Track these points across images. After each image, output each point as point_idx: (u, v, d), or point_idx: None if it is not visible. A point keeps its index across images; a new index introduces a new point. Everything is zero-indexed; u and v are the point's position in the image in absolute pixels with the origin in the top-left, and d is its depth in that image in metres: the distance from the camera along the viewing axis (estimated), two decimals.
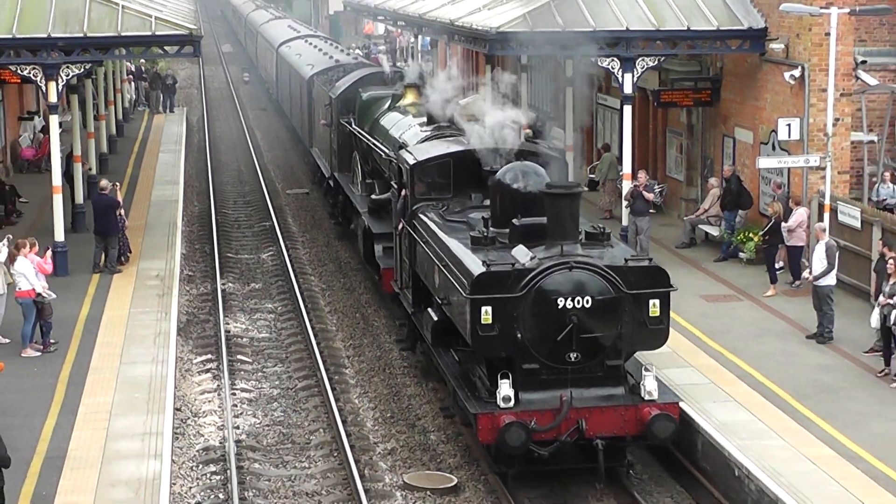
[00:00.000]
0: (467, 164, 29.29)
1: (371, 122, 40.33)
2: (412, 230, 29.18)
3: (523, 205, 25.50)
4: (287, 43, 72.66)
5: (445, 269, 25.14)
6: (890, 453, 23.95)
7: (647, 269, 24.19)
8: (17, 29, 36.59)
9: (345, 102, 44.41)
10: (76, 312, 33.39)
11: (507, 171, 26.47)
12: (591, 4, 40.64)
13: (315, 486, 25.01)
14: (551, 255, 23.39)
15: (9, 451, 23.39)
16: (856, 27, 38.89)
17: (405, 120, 37.19)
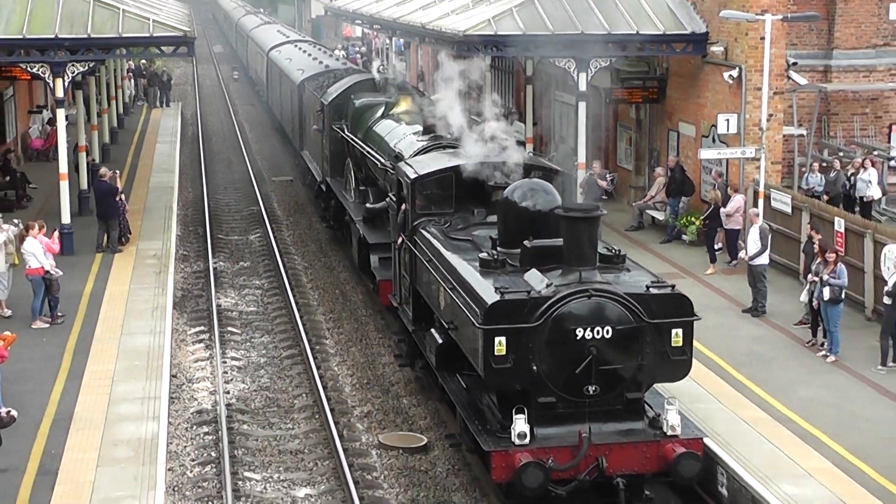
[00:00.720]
0: (469, 179, 26.03)
1: (364, 129, 37.10)
2: (413, 246, 26.11)
3: (533, 225, 22.34)
4: (277, 47, 68.79)
5: (452, 292, 22.00)
6: (815, 415, 24.18)
7: (669, 297, 20.92)
8: (27, 30, 36.60)
9: (337, 109, 40.88)
10: (81, 288, 33.38)
11: (515, 189, 23.11)
12: (549, 10, 40.72)
13: (298, 446, 25.06)
14: (568, 282, 20.29)
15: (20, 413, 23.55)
16: (787, 32, 39.09)
17: (399, 128, 34.42)
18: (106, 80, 59.12)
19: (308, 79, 50.09)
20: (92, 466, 22.06)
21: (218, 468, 23.48)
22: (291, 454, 24.67)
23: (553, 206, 22.08)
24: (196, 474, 23.44)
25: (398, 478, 23.38)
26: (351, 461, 23.65)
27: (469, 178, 25.97)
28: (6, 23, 36.88)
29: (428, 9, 51.47)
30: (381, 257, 31.87)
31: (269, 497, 22.57)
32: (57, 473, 21.73)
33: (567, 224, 20.88)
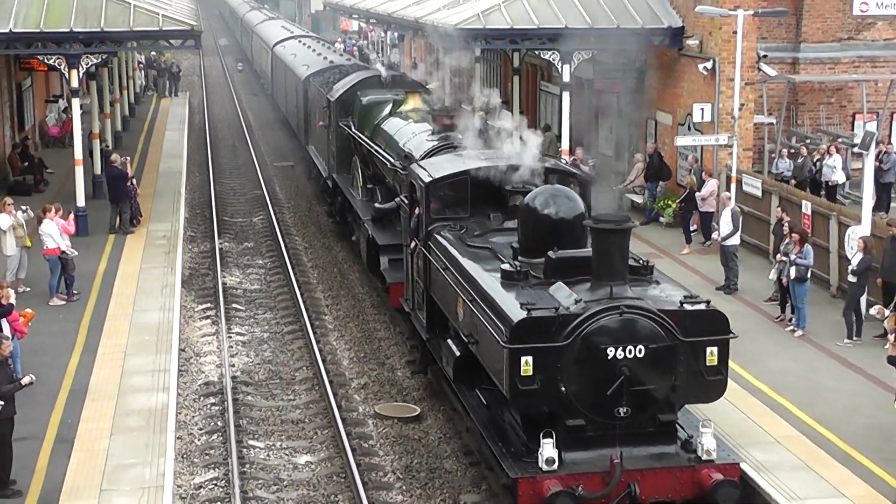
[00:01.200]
0: (485, 182, 23.59)
1: (372, 127, 34.40)
2: (427, 251, 23.65)
3: (555, 233, 20.13)
4: (281, 42, 65.95)
5: (472, 304, 19.77)
6: (784, 386, 24.30)
7: (704, 314, 18.66)
8: (44, 24, 36.60)
9: (343, 105, 37.93)
10: (95, 267, 33.36)
11: (536, 196, 20.69)
12: (535, 5, 40.80)
13: (299, 415, 25.10)
14: (598, 298, 18.05)
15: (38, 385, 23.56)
16: (758, 26, 39.15)
17: (408, 127, 31.71)
18: (118, 71, 59.16)
19: (313, 74, 47.16)
20: (106, 435, 22.12)
21: (224, 437, 23.52)
22: (293, 423, 24.70)
23: (576, 214, 20.30)
24: (203, 442, 23.48)
25: (393, 446, 23.40)
26: (349, 430, 23.66)
27: (485, 182, 23.68)
28: (24, 17, 36.92)
29: (421, 4, 51.53)
30: (391, 259, 29.75)
31: (272, 464, 22.61)
32: (73, 441, 21.78)
33: (597, 236, 18.44)
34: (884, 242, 28.52)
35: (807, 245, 28.65)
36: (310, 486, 21.63)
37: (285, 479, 21.94)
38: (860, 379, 25.02)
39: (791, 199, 33.93)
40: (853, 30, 43.96)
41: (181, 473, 21.81)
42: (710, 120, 38.14)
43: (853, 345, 27.26)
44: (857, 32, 44.02)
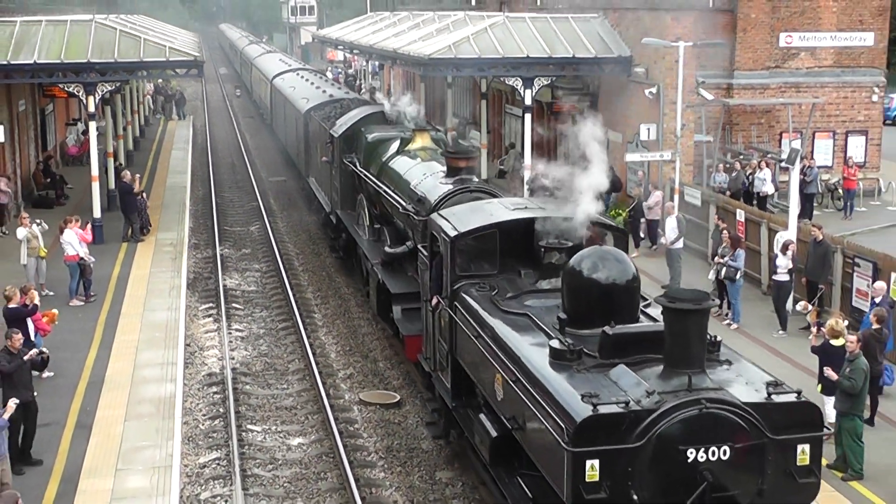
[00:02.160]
0: (515, 235, 19.86)
1: (379, 165, 30.53)
2: (453, 312, 19.58)
3: (607, 302, 16.19)
4: (280, 75, 62.01)
5: (515, 384, 15.79)
6: None
7: (795, 407, 14.50)
8: (65, 56, 36.82)
9: (347, 141, 33.83)
10: (110, 272, 33.33)
11: (583, 259, 16.61)
12: (500, 37, 40.99)
13: (292, 402, 25.10)
14: (674, 389, 13.90)
15: (60, 377, 23.64)
16: (697, 56, 39.33)
17: (418, 167, 27.86)
18: (130, 97, 59.15)
19: (314, 108, 43.40)
20: (121, 421, 22.12)
21: (225, 422, 23.51)
22: (286, 410, 24.68)
23: (628, 279, 16.46)
24: (207, 427, 23.47)
25: (376, 429, 23.41)
26: (336, 415, 23.67)
27: (515, 235, 19.95)
28: (47, 50, 37.13)
29: (399, 36, 51.78)
30: (404, 308, 25.32)
31: (269, 445, 22.61)
32: (91, 427, 21.78)
33: (672, 317, 14.27)
34: (807, 246, 28.73)
35: (739, 249, 28.92)
36: (302, 465, 21.64)
37: (280, 459, 21.94)
38: (788, 366, 25.13)
39: (727, 208, 34.19)
40: (780, 59, 44.21)
41: (187, 454, 21.81)
42: (655, 138, 38.36)
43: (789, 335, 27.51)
44: (783, 62, 44.27)
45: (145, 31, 43.25)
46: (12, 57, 36.77)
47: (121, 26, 41.06)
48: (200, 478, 20.94)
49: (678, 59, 35.53)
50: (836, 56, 44.87)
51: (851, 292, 27.70)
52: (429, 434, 22.80)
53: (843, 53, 44.94)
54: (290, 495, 20.36)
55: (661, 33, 38.10)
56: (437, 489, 20.45)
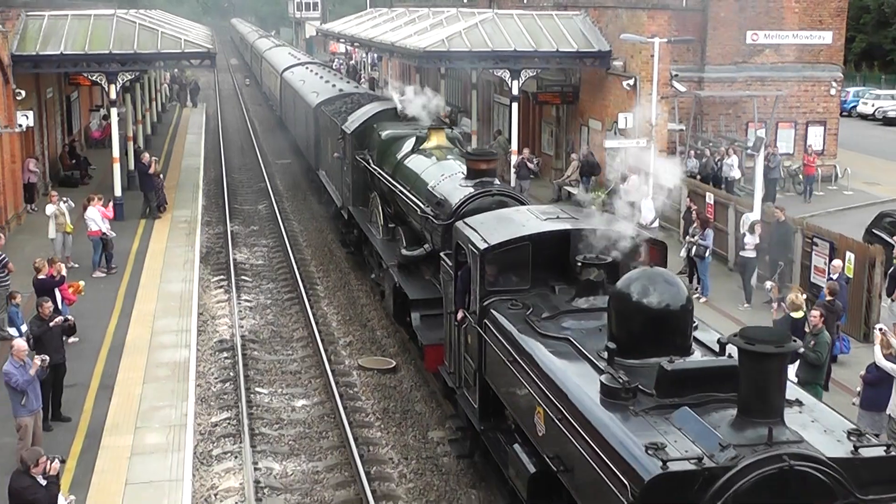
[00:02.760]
0: (548, 248, 17.30)
1: (393, 164, 27.72)
2: (482, 330, 16.93)
3: (657, 329, 13.65)
4: (290, 69, 58.59)
5: (561, 422, 13.41)
6: None
7: (886, 462, 11.72)
8: (88, 47, 36.99)
9: (360, 138, 31.11)
10: (130, 246, 33.36)
11: (631, 283, 13.93)
12: (489, 32, 40.94)
13: (297, 367, 25.18)
14: (752, 443, 11.28)
15: (84, 342, 23.68)
16: (671, 51, 39.33)
17: (435, 167, 25.16)
18: (148, 86, 59.03)
19: (324, 102, 40.68)
20: (139, 383, 22.21)
21: (235, 384, 23.56)
22: (291, 374, 24.76)
23: (682, 304, 13.74)
24: (218, 389, 23.52)
25: (373, 392, 23.50)
26: (337, 379, 23.75)
27: (548, 248, 17.38)
28: (73, 42, 37.25)
29: (396, 31, 51.65)
30: (423, 315, 22.66)
31: (275, 406, 22.68)
32: (113, 388, 21.87)
33: (750, 361, 11.58)
34: (771, 226, 28.82)
35: (707, 229, 29.03)
36: (305, 425, 21.71)
37: (285, 419, 22.01)
38: None
39: (697, 191, 34.27)
40: (746, 55, 44.27)
41: (200, 414, 21.87)
42: (631, 126, 38.34)
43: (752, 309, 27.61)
44: (750, 57, 44.34)
45: (162, 25, 43.15)
46: (41, 48, 36.98)
47: (140, 20, 40.96)
48: (212, 436, 21.01)
49: (653, 54, 35.50)
50: (797, 53, 44.96)
51: (810, 269, 27.82)
52: (421, 397, 22.88)
53: (804, 50, 45.05)
54: (295, 452, 20.44)
55: (638, 30, 38.10)
56: (429, 447, 20.52)
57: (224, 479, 19.16)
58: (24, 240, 33.54)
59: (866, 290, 25.76)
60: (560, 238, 17.38)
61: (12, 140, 36.32)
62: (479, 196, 21.89)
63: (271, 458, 20.10)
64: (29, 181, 38.66)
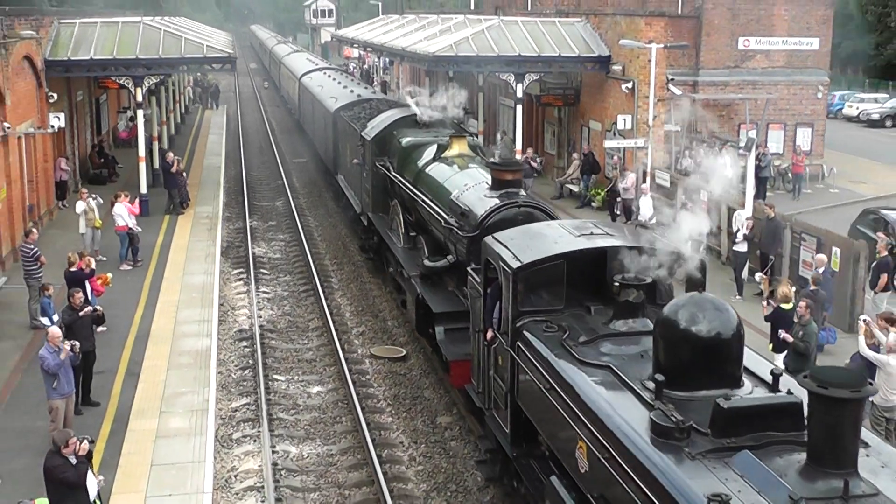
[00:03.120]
0: (583, 266, 15.61)
1: (415, 172, 25.99)
2: (514, 352, 15.23)
3: (708, 360, 12.02)
4: (308, 74, 57.46)
5: (608, 462, 11.88)
6: None
7: None
8: (117, 52, 37.26)
9: (380, 144, 29.46)
10: (154, 240, 33.35)
11: (678, 310, 12.31)
12: (495, 37, 40.94)
13: (312, 356, 25.20)
14: (825, 496, 9.73)
15: (112, 331, 23.72)
16: (667, 56, 39.31)
17: (458, 177, 23.48)
18: (173, 88, 59.12)
19: (342, 108, 39.19)
20: (164, 370, 22.23)
21: (254, 371, 23.60)
22: (307, 362, 24.77)
23: (732, 333, 12.09)
24: (238, 376, 23.56)
25: (384, 379, 23.52)
26: (350, 367, 23.77)
27: (583, 266, 15.71)
28: (102, 47, 37.49)
29: (406, 36, 51.72)
30: (447, 328, 20.98)
31: (291, 392, 22.71)
32: (139, 374, 21.89)
33: (823, 406, 10.00)
34: (761, 222, 28.80)
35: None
36: (320, 410, 21.74)
37: (301, 405, 22.04)
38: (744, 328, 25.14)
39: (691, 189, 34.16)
40: (738, 60, 44.19)
41: (221, 400, 21.91)
42: (630, 127, 38.36)
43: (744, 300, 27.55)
44: (742, 62, 44.26)
45: (186, 31, 43.27)
46: (72, 54, 37.19)
47: (165, 27, 41.09)
48: (233, 420, 21.06)
49: (651, 59, 35.53)
50: (786, 58, 44.90)
51: (798, 263, 27.80)
52: (430, 384, 22.87)
53: (793, 56, 44.99)
54: (311, 436, 20.47)
55: (636, 36, 38.08)
56: (438, 432, 20.54)
57: (244, 461, 19.20)
58: (56, 234, 33.63)
59: (851, 284, 25.74)
60: (595, 256, 15.83)
61: (45, 140, 36.43)
62: (504, 207, 20.38)
63: (288, 442, 20.13)
64: (60, 179, 38.78)
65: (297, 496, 17.93)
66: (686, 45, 41.06)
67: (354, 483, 18.42)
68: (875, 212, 31.85)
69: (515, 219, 19.79)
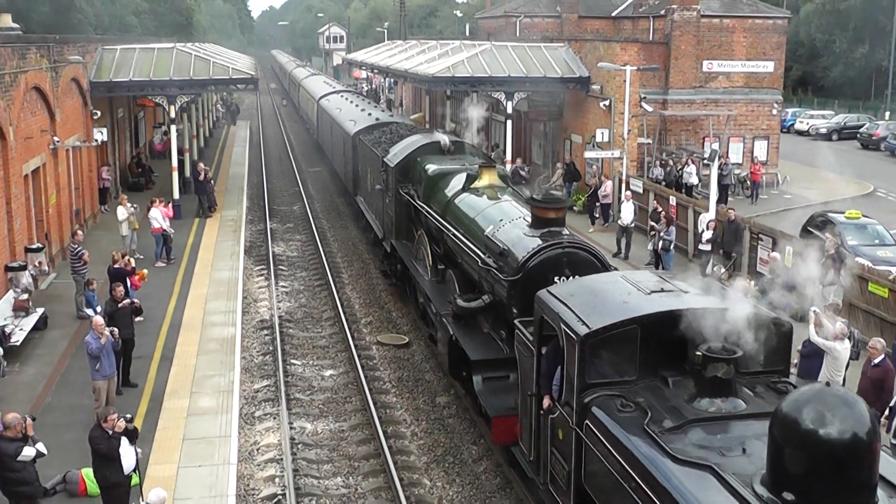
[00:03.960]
0: (659, 331, 12.05)
1: (443, 203, 22.69)
2: (582, 431, 12.01)
3: (839, 467, 8.75)
4: (326, 96, 54.49)
5: None
6: None
7: None
8: (153, 74, 37.21)
9: (403, 171, 26.16)
10: (185, 241, 33.33)
11: (800, 407, 8.99)
12: (488, 61, 40.89)
13: (325, 343, 25.14)
14: None
15: (148, 321, 23.69)
16: (640, 77, 39.25)
17: (491, 210, 20.18)
18: (202, 106, 59.08)
19: (361, 131, 35.87)
20: (194, 355, 22.21)
21: (274, 357, 23.56)
22: (321, 348, 24.72)
23: (866, 433, 8.84)
24: (260, 361, 23.52)
25: (389, 363, 23.49)
26: (359, 353, 23.74)
27: (658, 331, 12.04)
28: (140, 70, 37.62)
29: (409, 59, 51.68)
30: (485, 377, 17.46)
31: (307, 375, 22.68)
32: (172, 359, 21.87)
33: None
34: (724, 224, 28.80)
35: (671, 226, 28.98)
36: (332, 391, 21.71)
37: (316, 386, 22.01)
38: None
39: (662, 194, 34.18)
40: (703, 81, 44.28)
41: (245, 382, 21.87)
42: (607, 140, 38.31)
43: None
44: (706, 83, 44.34)
45: (214, 56, 43.19)
46: (114, 76, 37.25)
47: (195, 52, 41.07)
48: (255, 400, 21.02)
49: (626, 80, 35.49)
50: (745, 79, 45.01)
51: (756, 260, 27.80)
52: (430, 368, 22.85)
53: (751, 77, 45.12)
54: (324, 414, 20.44)
55: (613, 59, 38.01)
56: (437, 410, 20.52)
57: (265, 436, 19.17)
58: (99, 235, 33.62)
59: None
60: (673, 319, 12.06)
61: (89, 152, 36.46)
62: (547, 249, 17.02)
63: (304, 419, 20.10)
64: (103, 186, 38.83)
65: (312, 467, 17.92)
66: (657, 67, 41.14)
67: (363, 455, 18.40)
68: (823, 215, 31.93)
69: (560, 261, 16.84)
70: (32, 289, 24.87)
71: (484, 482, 17.26)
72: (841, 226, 30.10)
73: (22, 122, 26.75)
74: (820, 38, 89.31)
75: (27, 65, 27.44)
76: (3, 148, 24.90)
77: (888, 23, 79.66)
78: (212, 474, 16.38)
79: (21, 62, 26.77)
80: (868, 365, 17.09)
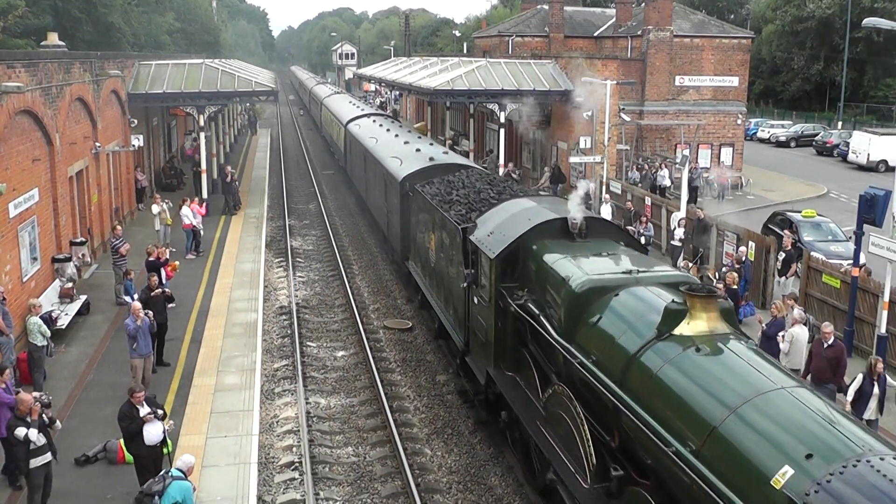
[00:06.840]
0: None
1: (622, 362, 11.30)
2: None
3: None
4: (355, 121, 44.47)
5: None
6: None
7: None
8: (184, 87, 36.98)
9: (506, 262, 15.36)
10: (213, 235, 33.30)
11: None
12: (483, 75, 40.89)
13: (337, 327, 25.08)
14: None
15: (179, 307, 23.65)
16: (619, 90, 39.22)
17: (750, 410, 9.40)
18: (228, 116, 58.98)
19: (415, 176, 25.75)
20: (220, 338, 22.17)
21: (292, 339, 23.52)
22: (334, 332, 24.67)
23: None
24: (279, 343, 23.51)
25: (395, 346, 23.44)
26: (367, 336, 23.71)
27: None
28: (172, 83, 37.42)
29: (413, 74, 51.60)
30: None
31: (321, 356, 22.66)
32: (201, 342, 21.84)
33: None
34: (692, 222, 28.78)
35: (649, 224, 28.96)
36: (344, 370, 21.70)
37: (329, 366, 21.99)
38: None
39: (638, 195, 34.12)
40: (675, 94, 44.25)
41: (266, 362, 21.86)
42: (590, 147, 38.28)
43: None
44: (678, 95, 44.31)
45: (238, 70, 43.10)
46: (149, 88, 37.09)
47: (222, 67, 40.98)
48: (274, 378, 21.02)
49: (606, 93, 35.45)
50: (713, 92, 44.99)
51: (722, 255, 27.78)
52: (431, 350, 22.84)
53: (718, 91, 45.09)
54: (336, 391, 20.44)
55: (595, 74, 38.00)
56: (437, 387, 20.51)
57: (283, 410, 19.17)
58: (136, 230, 33.57)
59: (763, 270, 25.75)
60: None
61: (128, 157, 36.40)
62: None
63: (319, 395, 20.10)
64: (139, 186, 38.75)
65: (325, 438, 17.92)
66: (634, 82, 41.11)
67: (371, 427, 18.40)
68: (782, 214, 31.96)
69: None
70: (76, 278, 24.85)
71: (478, 451, 17.28)
72: (798, 223, 30.12)
73: (67, 130, 26.72)
74: (780, 55, 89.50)
75: (72, 78, 27.40)
76: (50, 152, 24.87)
77: (841, 42, 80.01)
78: (236, 444, 16.38)
79: (66, 76, 26.73)
80: (820, 346, 17.08)
